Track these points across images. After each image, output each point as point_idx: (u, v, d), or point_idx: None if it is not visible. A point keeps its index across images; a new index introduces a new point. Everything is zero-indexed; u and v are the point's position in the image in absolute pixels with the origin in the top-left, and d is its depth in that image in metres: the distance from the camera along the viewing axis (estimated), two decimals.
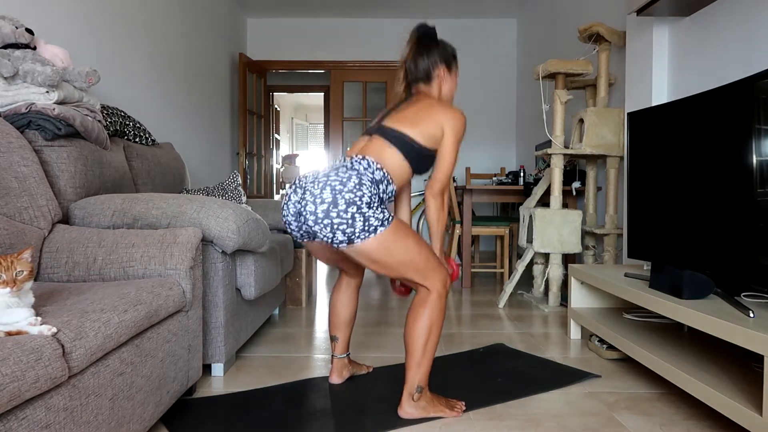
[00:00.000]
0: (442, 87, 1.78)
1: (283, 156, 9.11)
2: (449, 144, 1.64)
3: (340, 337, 1.88)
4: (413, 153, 1.62)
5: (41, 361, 0.95)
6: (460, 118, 1.65)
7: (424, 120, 1.63)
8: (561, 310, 3.07)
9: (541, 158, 4.40)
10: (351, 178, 1.50)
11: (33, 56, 1.93)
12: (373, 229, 1.48)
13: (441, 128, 1.64)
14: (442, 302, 1.59)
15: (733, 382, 1.50)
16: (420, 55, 1.76)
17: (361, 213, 1.47)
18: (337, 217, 1.45)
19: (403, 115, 1.66)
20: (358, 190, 1.48)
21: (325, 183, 1.49)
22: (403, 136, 1.61)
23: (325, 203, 1.46)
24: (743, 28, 2.13)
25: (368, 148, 1.63)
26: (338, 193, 1.46)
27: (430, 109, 1.65)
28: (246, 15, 5.71)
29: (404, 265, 1.54)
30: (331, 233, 1.47)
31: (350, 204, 1.46)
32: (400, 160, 1.61)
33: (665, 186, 2.00)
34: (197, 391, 1.82)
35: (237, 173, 2.86)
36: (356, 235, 1.47)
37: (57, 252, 1.64)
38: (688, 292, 1.67)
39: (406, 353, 1.60)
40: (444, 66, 1.77)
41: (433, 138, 1.63)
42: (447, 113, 1.65)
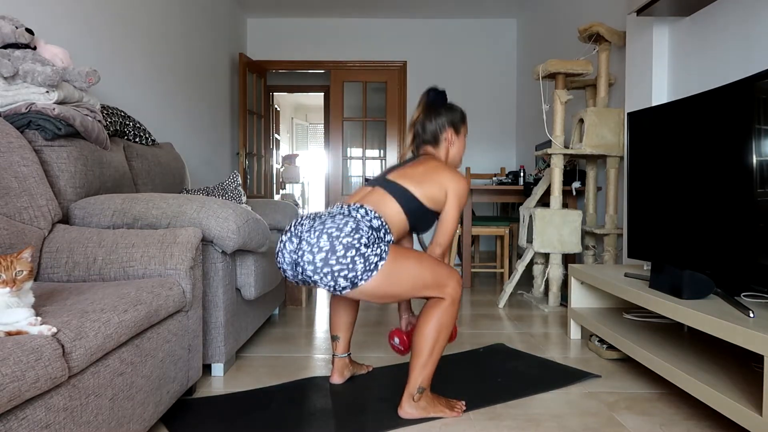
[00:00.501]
0: (450, 150, 1.82)
1: (283, 156, 9.11)
2: (451, 208, 1.67)
3: (342, 336, 1.89)
4: (413, 208, 1.63)
5: (41, 361, 0.95)
6: (464, 184, 1.68)
7: (428, 180, 1.66)
8: (561, 310, 3.07)
9: (541, 158, 4.40)
10: (348, 224, 1.49)
11: (33, 56, 1.93)
12: (373, 266, 1.47)
13: (444, 191, 1.66)
14: (455, 307, 1.60)
15: (733, 382, 1.50)
16: (428, 119, 1.80)
17: (361, 254, 1.46)
18: (337, 264, 1.44)
19: (408, 172, 1.69)
20: (356, 233, 1.48)
21: (322, 231, 1.48)
22: (405, 191, 1.63)
23: (323, 251, 1.45)
24: (743, 28, 2.13)
25: (368, 198, 1.64)
26: (335, 239, 1.45)
27: (435, 171, 1.68)
28: (246, 15, 5.71)
29: (413, 288, 1.55)
30: (332, 281, 1.46)
31: (348, 248, 1.45)
32: (399, 213, 1.62)
33: (665, 186, 2.00)
34: (197, 391, 1.82)
35: (237, 173, 2.87)
36: (359, 278, 1.46)
37: (57, 252, 1.64)
38: (688, 292, 1.67)
39: (413, 354, 1.60)
40: (452, 129, 1.81)
41: (434, 199, 1.66)
42: (451, 177, 1.68)
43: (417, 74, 5.75)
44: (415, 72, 5.76)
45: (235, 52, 5.33)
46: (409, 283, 1.53)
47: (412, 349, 1.60)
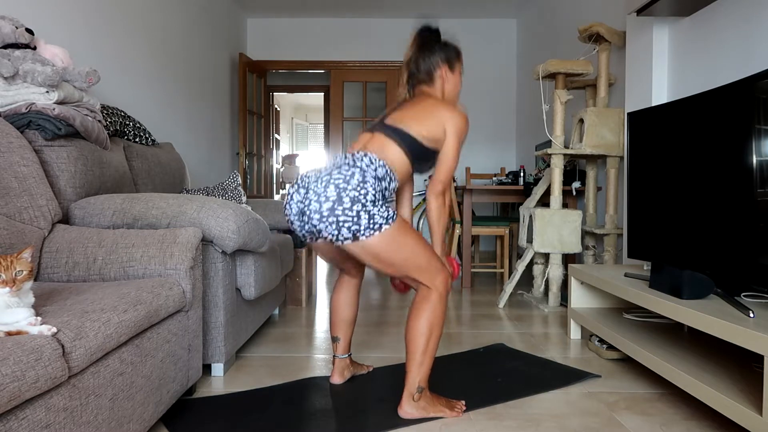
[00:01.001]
0: (445, 87, 1.78)
1: (283, 156, 9.11)
2: (451, 144, 1.65)
3: (342, 337, 1.88)
4: (415, 150, 1.62)
5: (41, 361, 0.95)
6: (462, 119, 1.65)
7: (426, 119, 1.63)
8: (561, 310, 3.07)
9: (541, 158, 4.40)
10: (354, 176, 1.51)
11: (33, 56, 1.93)
12: (377, 226, 1.49)
13: (443, 128, 1.64)
14: (443, 303, 1.60)
15: (733, 382, 1.50)
16: (422, 56, 1.76)
17: (366, 210, 1.48)
18: (342, 215, 1.47)
19: (406, 113, 1.66)
20: (362, 187, 1.49)
21: (329, 181, 1.50)
22: (405, 133, 1.62)
23: (330, 201, 1.48)
24: (743, 28, 2.13)
25: (370, 144, 1.64)
26: (342, 191, 1.48)
27: (433, 108, 1.66)
28: (246, 15, 5.71)
29: (407, 264, 1.55)
30: (336, 230, 1.48)
31: (355, 202, 1.47)
32: (401, 155, 1.61)
33: (665, 186, 2.00)
34: (197, 391, 1.82)
35: (237, 173, 2.86)
36: (361, 232, 1.48)
37: (57, 252, 1.64)
38: (688, 292, 1.67)
39: (407, 353, 1.60)
40: (446, 66, 1.77)
41: (434, 137, 1.64)
42: (449, 113, 1.65)
43: None
44: None
45: (235, 52, 5.33)
46: (405, 257, 1.54)
47: (407, 348, 1.60)
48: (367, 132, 1.70)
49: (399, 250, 1.53)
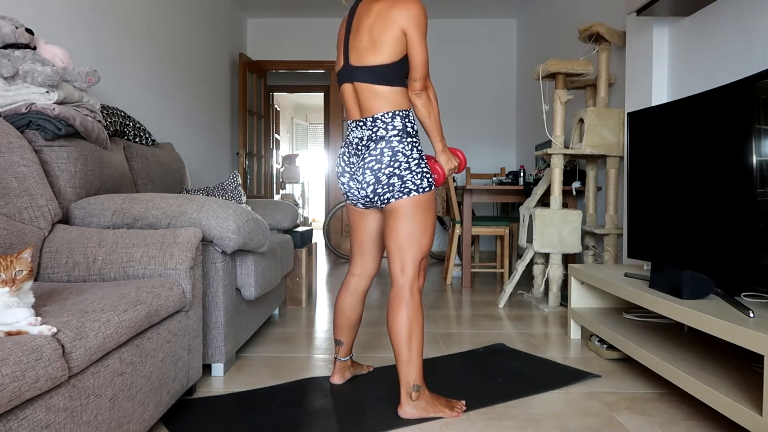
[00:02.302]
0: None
1: (283, 156, 9.11)
2: (415, 41, 1.57)
3: (345, 341, 1.87)
4: (393, 75, 1.61)
5: (41, 361, 0.95)
6: (417, 9, 1.56)
7: (382, 35, 1.57)
8: (561, 310, 3.07)
9: (541, 158, 4.40)
10: (384, 153, 1.60)
11: (33, 56, 1.93)
12: (407, 191, 1.60)
13: (401, 30, 1.56)
14: (416, 298, 1.62)
15: (733, 382, 1.50)
16: None
17: (400, 177, 1.60)
18: (381, 189, 1.62)
19: (362, 42, 1.61)
20: (395, 161, 1.60)
21: (364, 168, 1.63)
22: (376, 70, 1.59)
23: (371, 185, 1.63)
24: (743, 28, 2.13)
25: (364, 102, 1.63)
26: (378, 172, 1.60)
27: (386, 16, 1.56)
28: (246, 15, 5.71)
29: (410, 236, 1.62)
30: (379, 200, 1.65)
31: (391, 176, 1.60)
32: (390, 90, 1.62)
33: (665, 186, 2.00)
34: (197, 391, 1.82)
35: (237, 173, 2.87)
36: (393, 195, 1.61)
37: (57, 252, 1.64)
38: (688, 292, 1.67)
39: (395, 355, 1.61)
40: None
41: (399, 47, 1.58)
42: (401, 10, 1.55)
43: None
44: None
45: (235, 52, 5.33)
46: (413, 228, 1.61)
47: (393, 349, 1.61)
48: (347, 84, 1.67)
49: (412, 218, 1.61)
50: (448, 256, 4.15)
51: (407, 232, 1.61)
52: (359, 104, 1.66)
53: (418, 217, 1.61)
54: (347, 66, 1.66)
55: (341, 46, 1.70)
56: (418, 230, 1.62)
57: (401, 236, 1.62)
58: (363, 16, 1.63)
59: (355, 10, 1.68)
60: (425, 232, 1.63)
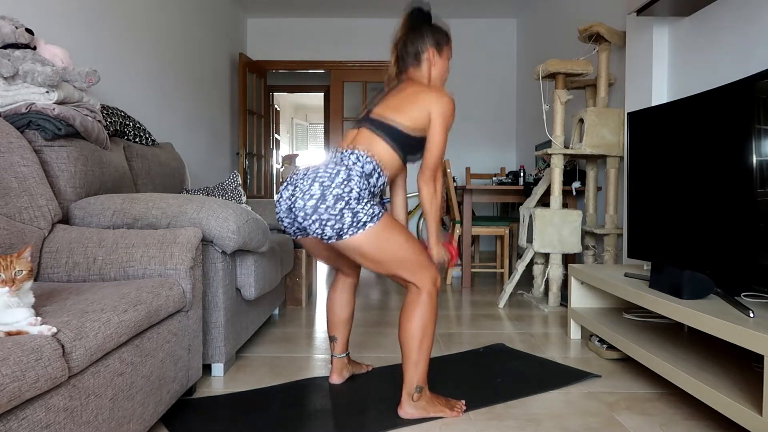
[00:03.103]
0: (432, 71, 1.75)
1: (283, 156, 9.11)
2: (437, 128, 1.62)
3: (339, 337, 1.89)
4: (401, 141, 1.61)
5: (41, 361, 0.95)
6: (447, 102, 1.62)
7: (410, 106, 1.62)
8: (561, 310, 3.07)
9: (541, 158, 4.40)
10: (339, 173, 1.50)
11: (33, 56, 1.93)
12: (362, 224, 1.48)
13: (428, 113, 1.61)
14: (434, 301, 1.59)
15: (733, 382, 1.50)
16: (410, 38, 1.74)
17: (350, 208, 1.48)
18: (325, 213, 1.47)
19: (390, 104, 1.65)
20: (346, 185, 1.49)
21: (314, 179, 1.51)
22: (390, 125, 1.61)
23: (314, 198, 1.48)
24: (743, 28, 2.13)
25: (358, 139, 1.63)
26: (326, 189, 1.48)
27: (417, 95, 1.64)
28: (246, 15, 5.71)
29: (394, 262, 1.54)
30: (320, 229, 1.49)
31: (338, 199, 1.47)
32: (388, 150, 1.61)
33: (665, 186, 2.00)
34: (197, 391, 1.82)
35: (237, 173, 2.87)
36: (344, 231, 1.48)
37: (57, 252, 1.64)
38: (688, 292, 1.67)
39: (402, 354, 1.60)
40: (434, 49, 1.74)
41: (420, 124, 1.62)
42: (434, 97, 1.62)
43: None
44: None
45: (235, 52, 5.33)
46: (391, 255, 1.53)
47: (401, 349, 1.60)
48: (354, 128, 1.70)
49: (385, 248, 1.52)
50: None
51: (389, 260, 1.54)
52: (350, 142, 1.65)
53: (387, 243, 1.52)
54: (365, 116, 1.69)
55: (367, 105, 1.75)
56: (397, 252, 1.53)
57: (387, 266, 1.55)
58: (398, 92, 1.69)
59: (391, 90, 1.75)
60: (404, 246, 1.54)
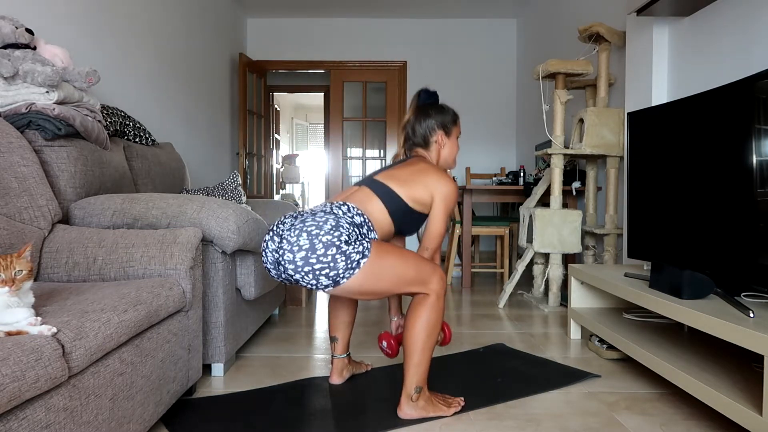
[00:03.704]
0: (441, 152, 1.82)
1: (283, 156, 9.11)
2: (438, 211, 1.67)
3: (340, 337, 1.88)
4: (397, 209, 1.63)
5: (41, 361, 0.95)
6: (449, 187, 1.67)
7: (414, 182, 1.66)
8: (561, 310, 3.07)
9: (541, 158, 4.40)
10: (328, 221, 1.47)
11: (33, 56, 1.93)
12: (355, 264, 1.45)
13: (431, 194, 1.66)
14: (441, 303, 1.60)
15: (733, 382, 1.50)
16: (418, 121, 1.80)
17: (342, 252, 1.43)
18: (318, 263, 1.42)
19: (396, 173, 1.69)
20: (335, 230, 1.45)
21: (302, 229, 1.46)
22: (390, 191, 1.63)
23: (303, 250, 1.43)
24: (743, 28, 2.13)
25: (353, 197, 1.64)
26: (315, 237, 1.43)
27: (423, 173, 1.68)
28: (246, 15, 5.71)
29: (396, 284, 1.53)
30: (314, 279, 1.45)
31: (329, 246, 1.43)
32: (382, 211, 1.62)
33: (665, 186, 2.00)
34: (197, 391, 1.82)
35: (237, 173, 2.87)
36: (341, 276, 1.45)
37: (57, 252, 1.64)
38: (688, 292, 1.67)
39: (405, 355, 1.60)
40: (442, 132, 1.81)
41: (420, 201, 1.65)
42: (437, 180, 1.67)
43: (417, 74, 5.76)
44: (415, 72, 5.76)
45: (235, 52, 5.33)
46: (392, 280, 1.52)
47: (404, 349, 1.60)
48: (355, 185, 1.72)
49: (383, 276, 1.50)
50: (448, 256, 4.15)
51: (390, 283, 1.51)
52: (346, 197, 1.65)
53: (383, 270, 1.49)
54: (368, 178, 1.71)
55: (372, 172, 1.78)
56: (394, 273, 1.51)
57: (389, 290, 1.53)
58: (405, 166, 1.73)
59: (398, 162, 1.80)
60: (400, 265, 1.52)
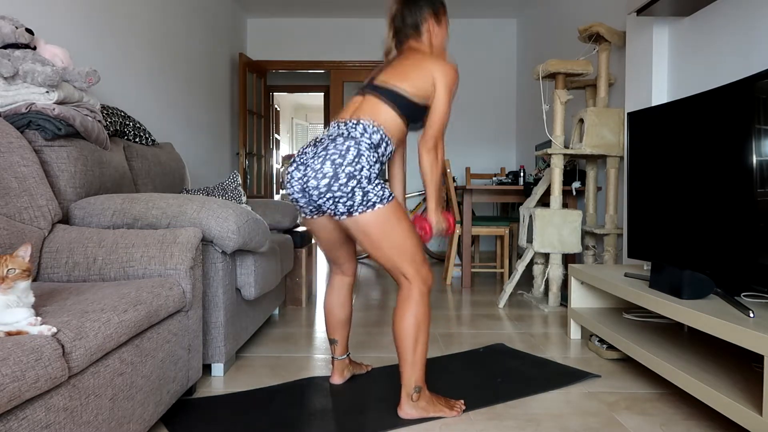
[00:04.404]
0: (433, 40, 1.74)
1: (283, 156, 9.11)
2: (441, 96, 1.62)
3: (339, 339, 1.88)
4: (407, 108, 1.61)
5: (41, 361, 0.95)
6: (451, 71, 1.62)
7: (414, 74, 1.62)
8: (561, 310, 3.07)
9: (541, 158, 4.40)
10: (350, 150, 1.52)
11: (33, 56, 1.93)
12: (371, 204, 1.52)
13: (432, 81, 1.62)
14: (426, 299, 1.60)
15: (733, 382, 1.50)
16: (407, 10, 1.73)
17: (361, 187, 1.51)
18: (338, 191, 1.51)
19: (394, 71, 1.65)
20: (357, 163, 1.51)
21: (325, 157, 1.52)
22: (395, 91, 1.60)
23: (327, 177, 1.51)
24: (743, 28, 2.13)
25: (362, 108, 1.63)
26: (338, 167, 1.50)
27: (421, 63, 1.63)
28: (246, 15, 5.71)
29: (395, 249, 1.56)
30: (333, 205, 1.53)
31: (351, 178, 1.50)
32: (394, 117, 1.61)
33: (665, 186, 2.00)
34: (197, 391, 1.82)
35: (237, 173, 2.87)
36: (355, 208, 1.52)
37: (57, 252, 1.64)
38: (688, 292, 1.67)
39: (398, 355, 1.60)
40: (433, 19, 1.73)
41: (424, 91, 1.62)
42: (438, 66, 1.62)
43: None
44: None
45: (235, 52, 5.33)
46: (393, 241, 1.55)
47: (397, 350, 1.60)
48: (358, 95, 1.69)
49: (389, 233, 1.54)
50: (448, 256, 4.15)
51: (390, 245, 1.56)
52: (355, 110, 1.65)
53: (393, 226, 1.55)
54: (369, 83, 1.68)
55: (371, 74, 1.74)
56: (399, 239, 1.56)
57: (386, 252, 1.56)
58: (402, 60, 1.68)
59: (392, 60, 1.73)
60: (406, 234, 1.57)
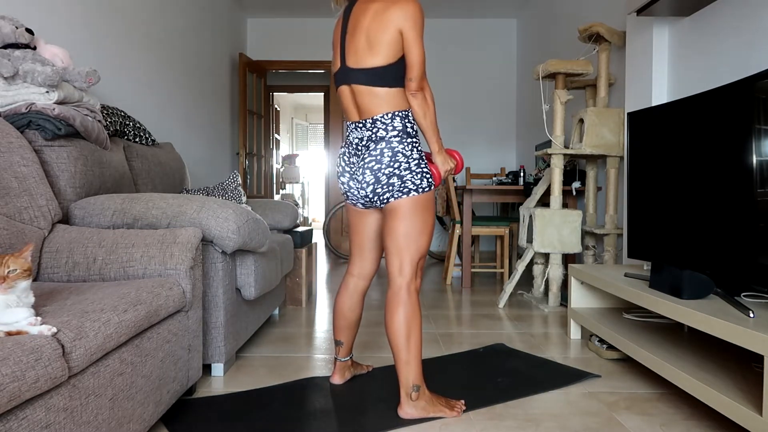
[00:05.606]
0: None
1: (283, 156, 9.11)
2: (411, 39, 1.55)
3: (345, 341, 1.87)
4: (391, 76, 1.59)
5: (41, 361, 0.95)
6: (413, 9, 1.54)
7: (379, 36, 1.55)
8: (561, 310, 3.07)
9: (541, 158, 4.40)
10: (384, 153, 1.60)
11: (33, 56, 1.93)
12: (407, 190, 1.60)
13: (398, 30, 1.55)
14: (414, 298, 1.62)
15: (733, 382, 1.50)
16: None
17: (400, 177, 1.60)
18: (381, 190, 1.62)
19: (359, 44, 1.59)
20: (395, 161, 1.60)
21: (364, 167, 1.63)
22: (374, 71, 1.58)
23: (370, 185, 1.63)
24: (743, 28, 2.13)
25: (363, 104, 1.62)
26: (378, 172, 1.61)
27: (382, 17, 1.55)
28: (246, 15, 5.71)
29: (408, 237, 1.61)
30: (378, 201, 1.65)
31: (390, 176, 1.60)
32: (389, 90, 1.60)
33: (665, 186, 2.00)
34: (197, 391, 1.82)
35: (237, 173, 2.87)
36: (393, 195, 1.61)
37: (57, 252, 1.64)
38: (688, 292, 1.67)
39: (393, 354, 1.61)
40: None
41: (396, 51, 1.57)
42: (399, 12, 1.53)
43: None
44: None
45: (235, 52, 5.33)
46: (411, 228, 1.61)
47: (391, 349, 1.62)
48: (344, 87, 1.66)
49: (410, 218, 1.60)
50: (448, 256, 4.15)
51: (405, 232, 1.61)
52: (357, 106, 1.65)
53: (416, 216, 1.61)
54: (344, 68, 1.65)
55: (337, 48, 1.68)
56: (415, 230, 1.61)
57: (400, 236, 1.61)
58: (359, 17, 1.61)
59: (351, 11, 1.66)
60: (423, 231, 1.63)
